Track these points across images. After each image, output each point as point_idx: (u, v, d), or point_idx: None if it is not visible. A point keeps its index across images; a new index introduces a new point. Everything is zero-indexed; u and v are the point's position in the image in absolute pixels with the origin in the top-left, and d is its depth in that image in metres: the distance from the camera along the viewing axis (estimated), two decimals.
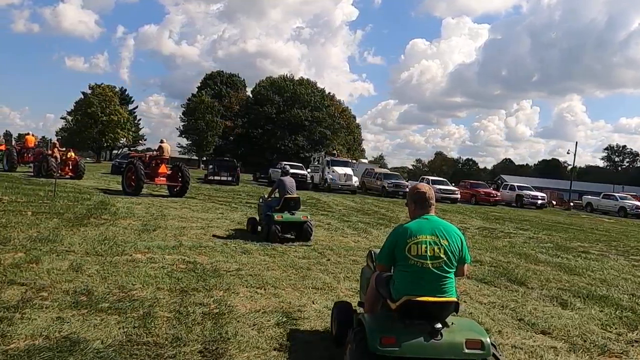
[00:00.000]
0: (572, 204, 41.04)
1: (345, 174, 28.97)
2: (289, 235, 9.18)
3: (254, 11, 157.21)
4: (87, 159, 63.52)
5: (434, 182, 31.63)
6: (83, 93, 60.49)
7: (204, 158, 63.71)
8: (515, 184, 36.53)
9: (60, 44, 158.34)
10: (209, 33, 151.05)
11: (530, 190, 35.01)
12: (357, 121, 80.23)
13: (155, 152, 17.51)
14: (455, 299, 3.08)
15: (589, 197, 38.91)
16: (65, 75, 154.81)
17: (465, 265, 3.27)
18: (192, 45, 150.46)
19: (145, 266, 6.15)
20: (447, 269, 3.10)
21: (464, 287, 6.47)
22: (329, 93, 72.26)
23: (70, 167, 21.69)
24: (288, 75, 70.97)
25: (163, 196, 16.40)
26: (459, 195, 30.43)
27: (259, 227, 9.57)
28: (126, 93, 70.21)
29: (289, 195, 9.22)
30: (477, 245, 10.70)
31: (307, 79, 72.26)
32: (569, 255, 10.39)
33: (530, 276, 7.55)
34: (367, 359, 2.87)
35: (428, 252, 3.07)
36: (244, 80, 74.70)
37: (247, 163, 57.40)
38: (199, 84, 72.14)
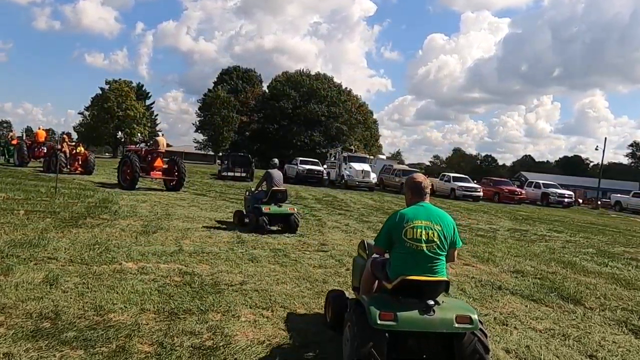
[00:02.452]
0: (599, 202, 39.35)
1: (362, 170, 27.73)
2: (276, 227, 9.39)
3: (270, 7, 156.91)
4: (106, 154, 63.65)
5: (455, 179, 30.38)
6: (100, 88, 60.45)
7: (220, 153, 63.09)
8: (541, 182, 34.81)
9: (80, 41, 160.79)
10: (226, 29, 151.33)
11: (557, 188, 33.36)
12: (374, 117, 78.71)
13: (152, 147, 16.83)
14: (446, 279, 3.29)
15: (618, 195, 37.19)
16: (86, 71, 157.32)
17: (456, 250, 3.47)
18: (210, 41, 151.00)
19: (133, 278, 5.25)
20: (439, 251, 3.30)
21: (509, 307, 5.44)
22: (346, 88, 70.86)
23: (80, 162, 21.06)
24: (304, 70, 69.91)
25: (171, 192, 15.60)
26: (481, 193, 29.07)
27: (246, 220, 9.73)
28: (143, 88, 69.86)
29: (276, 188, 9.43)
30: (514, 251, 9.58)
31: (324, 73, 70.83)
32: (617, 263, 9.23)
33: (583, 291, 6.47)
34: (368, 333, 3.04)
35: (423, 235, 3.27)
36: (259, 75, 73.90)
37: (262, 159, 56.50)
38: (215, 79, 71.50)
